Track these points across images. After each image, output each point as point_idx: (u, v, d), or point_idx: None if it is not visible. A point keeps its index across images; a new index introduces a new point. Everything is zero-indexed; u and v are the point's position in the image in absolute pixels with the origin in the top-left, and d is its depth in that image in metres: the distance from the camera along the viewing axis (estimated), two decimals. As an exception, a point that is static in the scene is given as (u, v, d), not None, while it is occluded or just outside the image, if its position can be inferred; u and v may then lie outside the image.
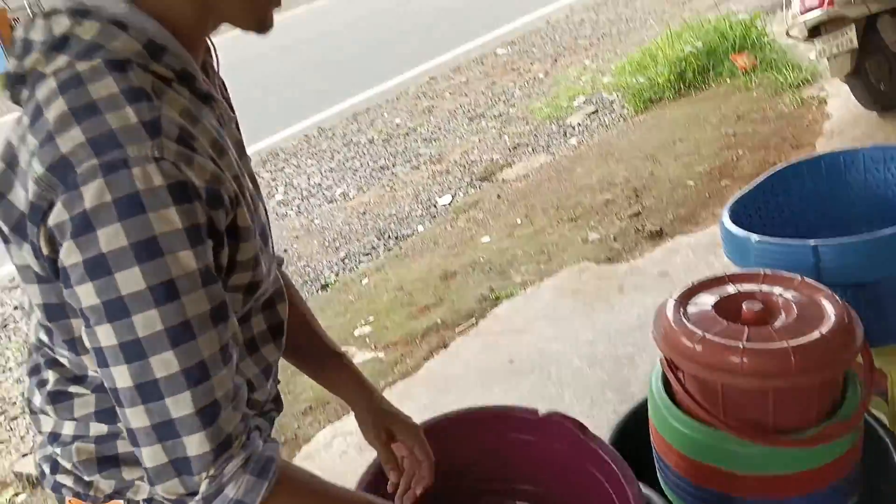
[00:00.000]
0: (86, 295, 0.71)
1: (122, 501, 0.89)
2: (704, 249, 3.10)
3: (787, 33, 4.02)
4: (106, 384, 0.75)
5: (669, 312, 1.32)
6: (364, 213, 4.64)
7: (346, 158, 5.62)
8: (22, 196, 0.75)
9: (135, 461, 0.81)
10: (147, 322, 0.71)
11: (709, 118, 4.47)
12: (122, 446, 0.86)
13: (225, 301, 0.77)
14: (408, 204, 4.61)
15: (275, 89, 8.34)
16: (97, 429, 0.87)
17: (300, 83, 8.31)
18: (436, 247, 3.94)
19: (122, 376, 0.73)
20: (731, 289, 1.35)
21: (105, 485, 0.89)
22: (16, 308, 4.48)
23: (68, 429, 0.88)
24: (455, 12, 10.00)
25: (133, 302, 0.70)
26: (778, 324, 1.22)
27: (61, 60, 0.74)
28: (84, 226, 0.69)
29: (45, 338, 0.86)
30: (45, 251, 0.74)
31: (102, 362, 0.74)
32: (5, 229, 0.78)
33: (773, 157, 3.78)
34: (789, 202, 1.78)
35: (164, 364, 0.72)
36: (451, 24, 9.33)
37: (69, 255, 0.71)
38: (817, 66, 4.43)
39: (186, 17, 0.80)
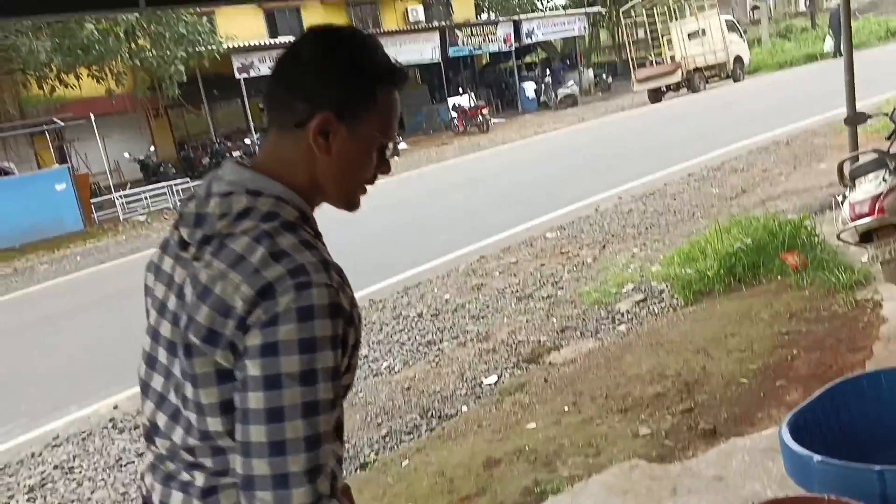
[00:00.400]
0: (253, 367, 0.97)
1: None
2: (761, 454, 2.97)
3: (839, 237, 4.08)
4: (238, 438, 0.98)
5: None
6: (408, 388, 4.62)
7: (395, 331, 5.70)
8: (207, 315, 1.00)
9: None
10: (292, 396, 0.96)
11: (760, 314, 4.44)
12: None
13: (339, 394, 1.03)
14: (453, 382, 4.58)
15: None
16: None
17: (359, 254, 8.63)
18: (480, 430, 3.86)
19: (258, 433, 0.96)
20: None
21: None
22: (55, 468, 4.48)
23: None
24: (510, 196, 10.47)
25: (287, 379, 0.96)
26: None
27: (248, 224, 1.04)
28: (272, 321, 0.97)
29: (195, 442, 1.06)
30: (239, 348, 0.99)
31: (244, 420, 0.97)
32: (196, 341, 1.02)
33: (829, 360, 3.69)
34: (850, 418, 1.72)
35: (294, 430, 0.96)
36: (507, 207, 9.73)
37: (253, 338, 0.97)
38: (870, 268, 4.43)
39: (311, 197, 1.14)
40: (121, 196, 16.90)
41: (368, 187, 1.20)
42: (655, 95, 21.74)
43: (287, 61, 1.13)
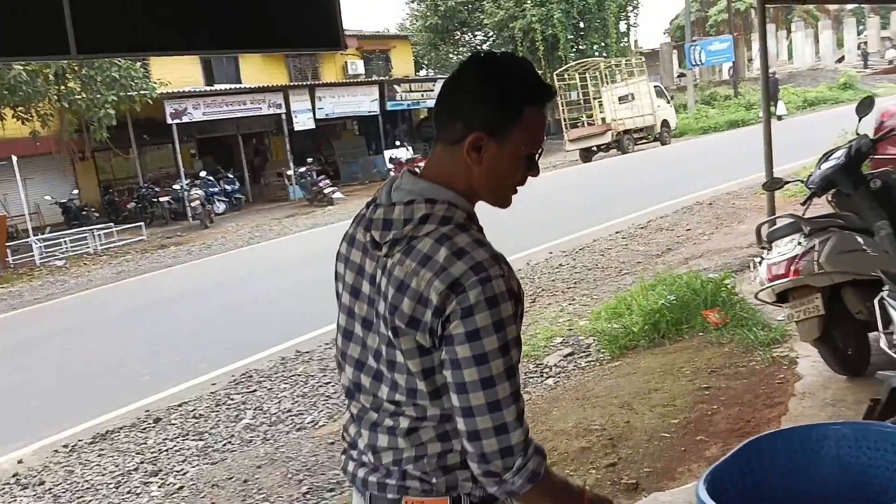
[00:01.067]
0: (462, 350, 1.23)
1: (454, 494, 1.33)
2: (682, 509, 2.98)
3: (756, 296, 4.21)
4: (459, 404, 1.25)
5: None
6: (333, 443, 4.49)
7: (321, 384, 5.57)
8: (409, 305, 1.25)
9: (463, 467, 1.31)
10: (497, 366, 1.23)
11: (683, 370, 4.52)
12: (452, 458, 1.32)
13: (519, 352, 1.29)
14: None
15: (258, 309, 8.47)
16: (434, 448, 1.32)
17: (283, 304, 8.47)
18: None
19: (477, 398, 1.24)
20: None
21: (443, 484, 1.33)
22: None
23: (418, 451, 1.32)
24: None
25: (491, 354, 1.23)
26: None
27: (429, 227, 1.28)
28: (468, 311, 1.22)
29: (400, 397, 1.32)
30: (438, 332, 1.24)
31: (462, 390, 1.24)
32: (400, 325, 1.26)
33: (747, 415, 3.77)
34: (765, 475, 1.74)
35: (503, 390, 1.24)
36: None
37: (457, 328, 1.23)
38: (787, 327, 4.58)
39: (471, 199, 1.36)
40: (39, 239, 16.24)
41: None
42: (587, 155, 22.42)
43: (449, 86, 1.36)
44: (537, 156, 1.38)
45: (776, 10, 35.54)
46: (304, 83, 23.61)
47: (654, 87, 24.62)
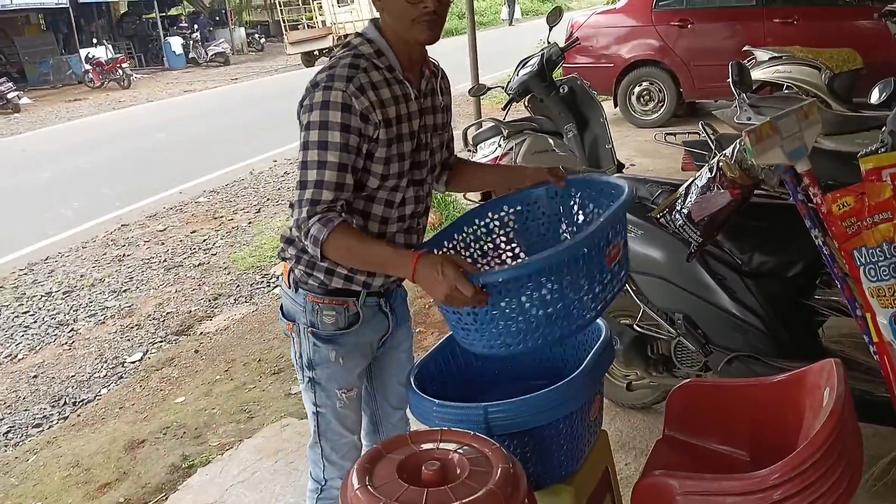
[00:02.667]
0: (302, 136, 1.59)
1: (289, 260, 1.76)
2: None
3: (465, 196, 4.50)
4: (297, 169, 1.59)
5: (355, 480, 1.32)
6: (35, 376, 4.08)
7: (17, 314, 4.97)
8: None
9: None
10: (311, 154, 1.56)
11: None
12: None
13: (349, 150, 1.57)
14: (90, 364, 4.15)
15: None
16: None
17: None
18: (122, 412, 3.56)
19: (296, 175, 1.59)
20: (413, 448, 1.40)
21: (284, 251, 1.77)
22: None
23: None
24: (154, 159, 9.71)
25: (310, 143, 1.56)
26: (453, 482, 1.28)
27: (343, 51, 1.64)
28: (310, 107, 1.57)
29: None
30: (299, 120, 1.61)
31: (299, 162, 1.58)
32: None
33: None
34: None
35: (308, 175, 1.56)
36: (153, 170, 9.02)
37: (303, 118, 1.59)
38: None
39: (396, 41, 1.64)
40: None
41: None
42: (309, 59, 21.88)
43: None
44: None
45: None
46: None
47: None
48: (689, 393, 1.93)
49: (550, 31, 4.70)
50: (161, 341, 4.36)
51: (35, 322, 4.82)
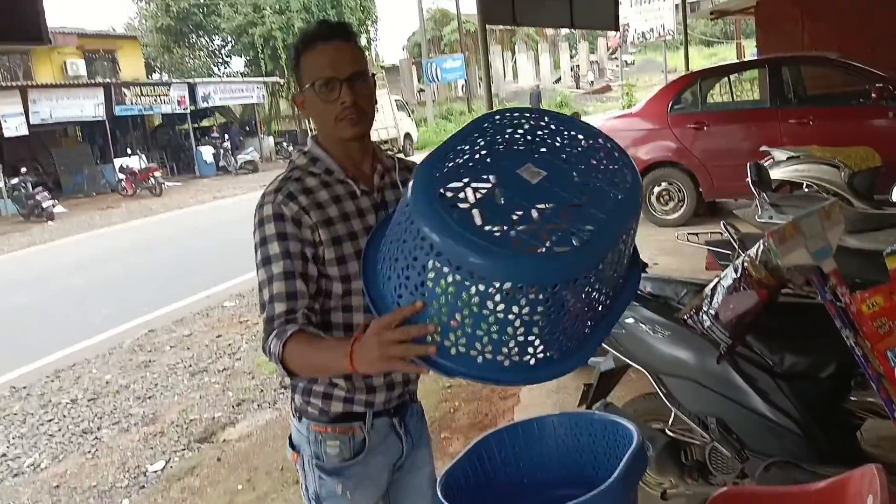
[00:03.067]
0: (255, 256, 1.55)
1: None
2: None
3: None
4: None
5: None
6: (58, 486, 4.03)
7: (42, 422, 4.96)
8: None
9: None
10: (260, 274, 1.53)
11: (428, 371, 4.71)
12: None
13: (292, 258, 1.51)
14: (112, 474, 4.10)
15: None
16: None
17: (-6, 335, 7.43)
18: (142, 524, 3.49)
19: (258, 285, 1.55)
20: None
21: (287, 381, 1.66)
22: None
23: None
24: (183, 265, 9.91)
25: (258, 264, 1.54)
26: None
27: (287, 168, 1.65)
28: (253, 230, 1.56)
29: None
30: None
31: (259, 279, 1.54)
32: None
33: (485, 409, 4.04)
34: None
35: (262, 294, 1.51)
36: (182, 275, 9.18)
37: (254, 236, 1.56)
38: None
39: (330, 144, 1.64)
40: None
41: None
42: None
43: None
44: (333, 83, 1.54)
45: (501, 33, 38.56)
46: (14, 84, 20.92)
47: (396, 100, 25.48)
48: (726, 502, 1.86)
49: (569, 136, 4.82)
50: (184, 449, 4.31)
51: (59, 430, 4.80)
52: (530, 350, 1.27)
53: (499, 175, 1.29)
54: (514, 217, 1.23)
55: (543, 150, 1.37)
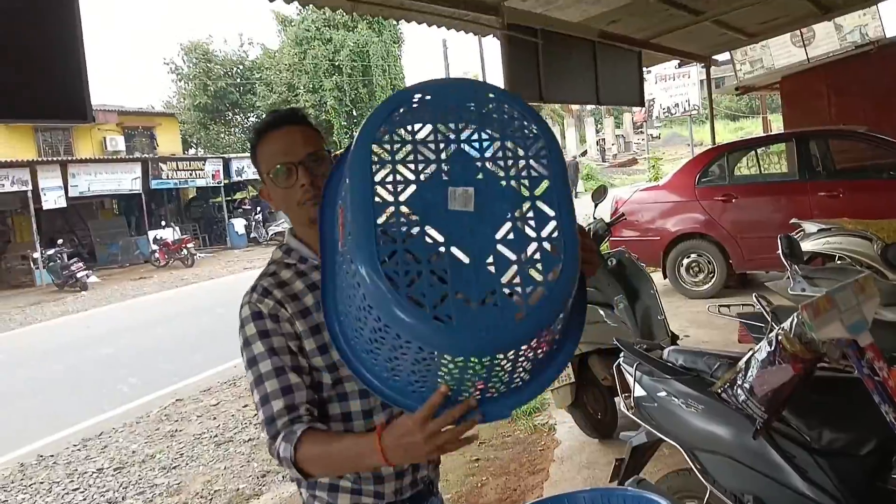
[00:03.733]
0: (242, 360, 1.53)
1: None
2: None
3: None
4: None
5: None
6: (80, 558, 3.98)
7: (67, 491, 4.94)
8: None
9: None
10: (248, 376, 1.49)
11: (455, 445, 4.63)
12: None
13: (279, 353, 1.48)
14: (135, 546, 4.05)
15: (-9, 410, 7.40)
16: None
17: (24, 404, 7.48)
18: None
19: (252, 391, 1.49)
20: None
21: (293, 476, 1.50)
22: None
23: None
24: (212, 334, 9.97)
25: (246, 364, 1.50)
26: None
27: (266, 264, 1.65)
28: (238, 333, 1.53)
29: None
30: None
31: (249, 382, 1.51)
32: None
33: (514, 483, 3.94)
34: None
35: (256, 395, 1.47)
36: (211, 344, 9.23)
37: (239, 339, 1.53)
38: (544, 396, 4.90)
39: (302, 231, 1.61)
40: None
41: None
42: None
43: None
44: (290, 168, 1.53)
45: (528, 107, 39.26)
46: (55, 159, 21.70)
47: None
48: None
49: (595, 207, 4.86)
50: (207, 522, 4.25)
51: (84, 500, 4.78)
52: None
53: (434, 220, 1.21)
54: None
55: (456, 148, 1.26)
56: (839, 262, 4.93)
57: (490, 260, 1.20)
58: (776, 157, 10.09)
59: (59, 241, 19.48)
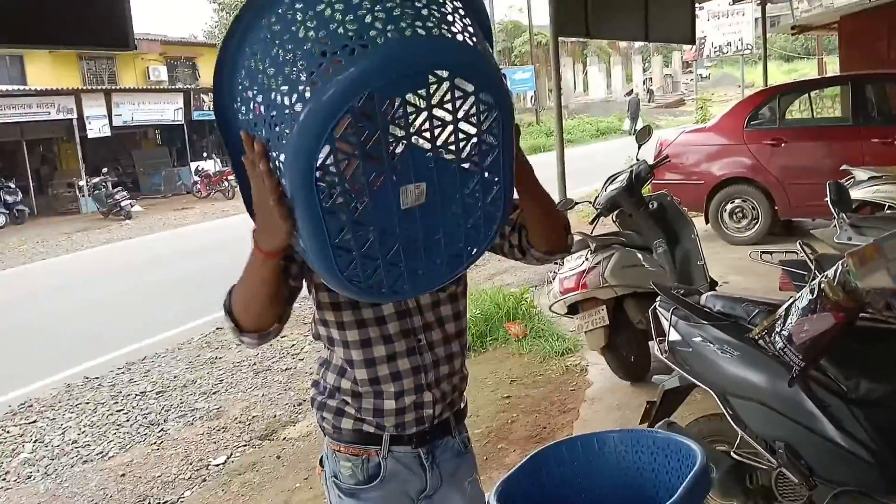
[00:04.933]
0: None
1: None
2: (483, 517, 3.07)
3: (550, 308, 4.48)
4: None
5: None
6: (124, 475, 4.17)
7: (111, 412, 5.14)
8: None
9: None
10: None
11: (486, 380, 4.70)
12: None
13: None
14: (177, 465, 4.22)
15: (42, 332, 7.69)
16: None
17: (72, 328, 7.75)
18: (203, 516, 3.57)
19: None
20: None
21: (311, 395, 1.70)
22: None
23: None
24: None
25: None
26: None
27: None
28: None
29: None
30: None
31: None
32: None
33: (544, 422, 3.99)
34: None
35: None
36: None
37: None
38: (577, 337, 4.91)
39: None
40: None
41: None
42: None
43: None
44: None
45: (573, 45, 38.29)
46: (99, 87, 21.89)
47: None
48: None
49: (639, 148, 4.75)
50: (245, 445, 4.40)
51: (128, 421, 4.97)
52: None
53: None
54: None
55: None
56: (888, 211, 4.78)
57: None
58: (830, 101, 9.75)
59: (104, 170, 19.85)
